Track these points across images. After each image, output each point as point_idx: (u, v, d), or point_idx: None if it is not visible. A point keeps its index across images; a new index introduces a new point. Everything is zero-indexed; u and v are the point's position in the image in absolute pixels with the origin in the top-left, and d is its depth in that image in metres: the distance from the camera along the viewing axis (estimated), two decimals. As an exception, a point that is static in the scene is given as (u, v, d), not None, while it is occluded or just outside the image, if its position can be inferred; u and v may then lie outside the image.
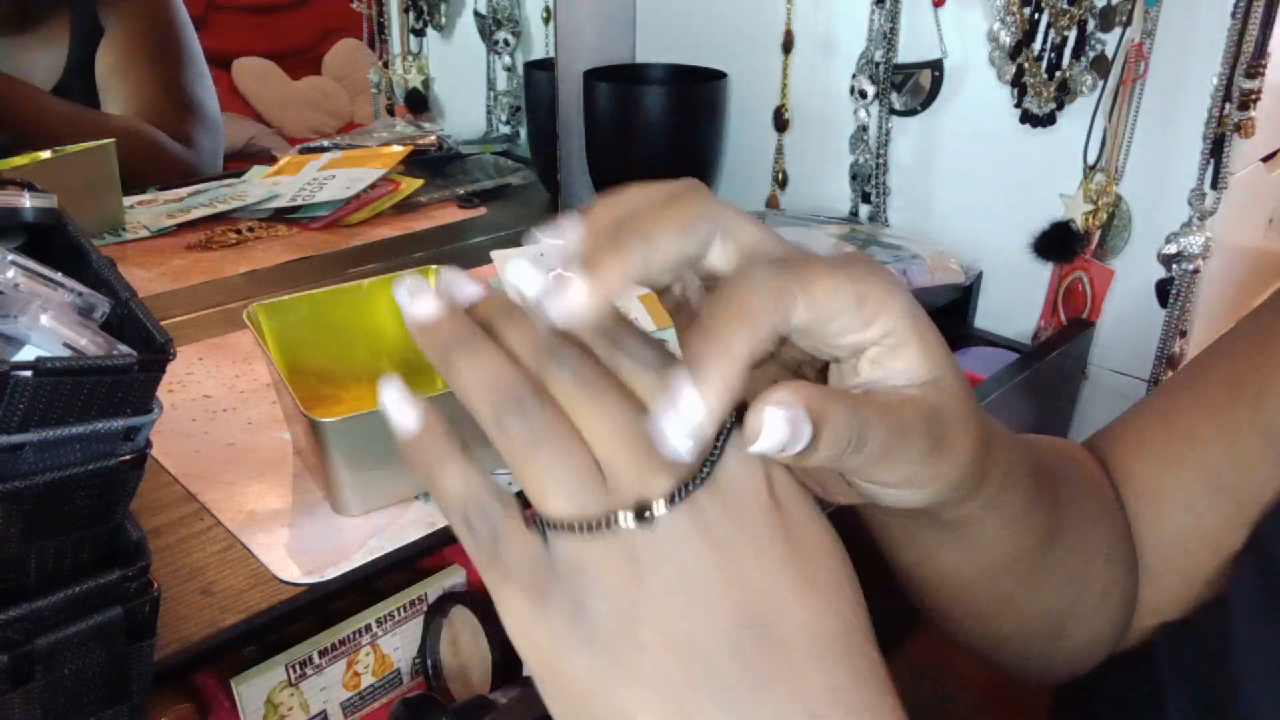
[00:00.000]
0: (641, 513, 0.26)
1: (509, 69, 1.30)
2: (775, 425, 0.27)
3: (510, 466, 0.28)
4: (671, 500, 0.26)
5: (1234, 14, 0.80)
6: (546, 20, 1.24)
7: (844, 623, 0.28)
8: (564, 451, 0.27)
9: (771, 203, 1.22)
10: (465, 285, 0.31)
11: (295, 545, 0.60)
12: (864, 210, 1.13)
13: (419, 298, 0.30)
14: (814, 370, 0.35)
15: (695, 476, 0.27)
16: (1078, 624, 0.45)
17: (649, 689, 0.26)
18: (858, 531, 0.41)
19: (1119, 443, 0.49)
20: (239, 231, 1.05)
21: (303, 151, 1.20)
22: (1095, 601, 0.45)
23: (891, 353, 0.31)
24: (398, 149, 1.19)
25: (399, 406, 0.30)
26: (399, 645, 0.63)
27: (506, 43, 1.28)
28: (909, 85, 1.05)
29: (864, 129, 1.09)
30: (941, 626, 0.47)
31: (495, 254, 0.93)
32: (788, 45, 1.13)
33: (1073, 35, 0.92)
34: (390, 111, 1.36)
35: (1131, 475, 0.48)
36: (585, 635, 0.26)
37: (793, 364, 0.35)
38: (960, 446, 0.32)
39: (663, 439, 0.26)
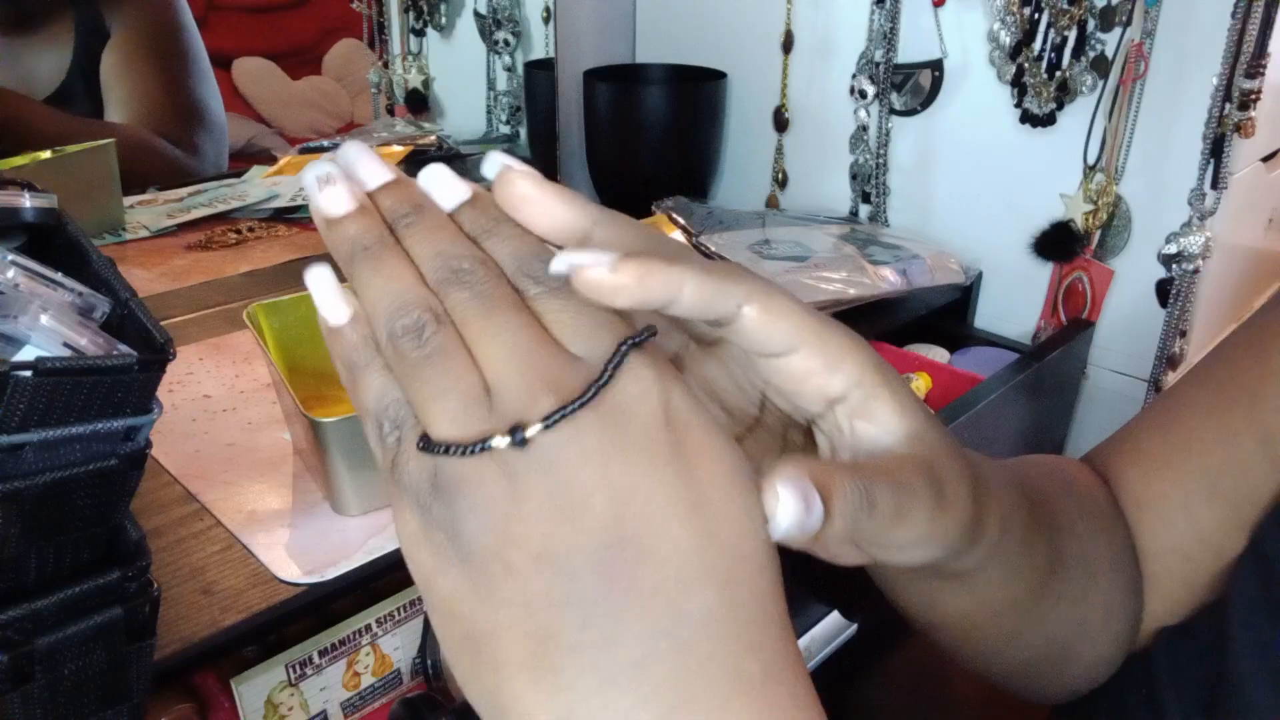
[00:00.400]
0: (515, 434, 0.26)
1: (509, 69, 1.30)
2: (788, 500, 0.27)
3: (401, 383, 0.28)
4: (547, 421, 0.26)
5: (1234, 14, 0.80)
6: (546, 20, 1.24)
7: (728, 549, 0.26)
8: (453, 372, 0.27)
9: (771, 203, 1.22)
10: (371, 166, 0.30)
11: (295, 545, 0.60)
12: (864, 210, 1.13)
13: (329, 189, 0.29)
14: (800, 434, 0.35)
15: (579, 397, 0.26)
16: (1084, 645, 0.45)
17: (512, 609, 0.25)
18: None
19: (1118, 454, 0.49)
20: (239, 231, 1.05)
21: (303, 151, 1.20)
22: (1100, 621, 0.45)
23: (865, 407, 0.31)
24: (398, 149, 1.19)
25: (329, 295, 0.29)
26: (399, 645, 0.63)
27: (506, 43, 1.28)
28: (909, 85, 1.05)
29: (864, 129, 1.09)
30: (952, 659, 0.47)
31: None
32: (788, 45, 1.13)
33: (1073, 35, 0.92)
34: (390, 111, 1.36)
35: (1130, 485, 0.48)
36: (460, 554, 0.26)
37: (779, 428, 0.35)
38: (959, 496, 0.33)
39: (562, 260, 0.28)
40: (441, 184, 0.30)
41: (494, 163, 0.30)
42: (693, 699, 0.25)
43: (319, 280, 0.29)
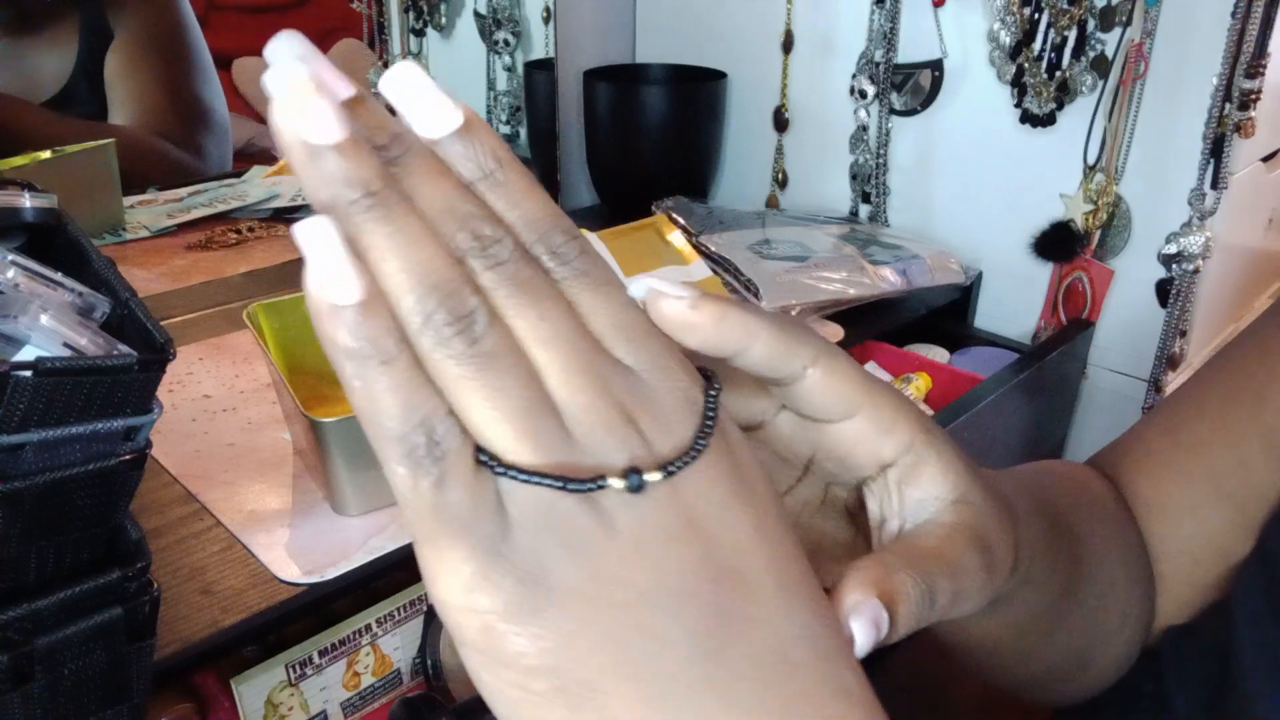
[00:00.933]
0: (631, 477, 0.24)
1: (509, 69, 1.30)
2: (865, 634, 0.28)
3: (444, 383, 0.23)
4: (668, 470, 0.24)
5: (1234, 14, 0.80)
6: (546, 20, 1.24)
7: (795, 567, 0.26)
8: (519, 380, 0.23)
9: (771, 203, 1.22)
10: (326, 73, 0.22)
11: (295, 545, 0.60)
12: (864, 210, 1.13)
13: (313, 106, 0.21)
14: (843, 489, 0.35)
15: (692, 448, 0.25)
16: (1100, 650, 0.45)
17: (625, 650, 0.23)
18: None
19: (1125, 457, 0.50)
20: (239, 231, 1.05)
21: (303, 151, 1.20)
22: (1116, 626, 0.45)
23: (913, 471, 0.31)
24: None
25: (337, 262, 0.22)
26: (399, 645, 0.63)
27: (506, 43, 1.28)
28: (909, 85, 1.05)
29: (864, 129, 1.09)
30: (969, 673, 0.47)
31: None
32: (788, 45, 1.13)
33: (1073, 35, 0.92)
34: (391, 112, 1.36)
35: (1138, 488, 0.48)
36: (547, 598, 0.23)
37: (821, 485, 0.35)
38: (1006, 557, 0.33)
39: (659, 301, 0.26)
40: (423, 102, 0.24)
41: (639, 286, 0.27)
42: (815, 715, 0.25)
43: (319, 238, 0.22)
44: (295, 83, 0.21)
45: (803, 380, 0.30)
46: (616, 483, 0.24)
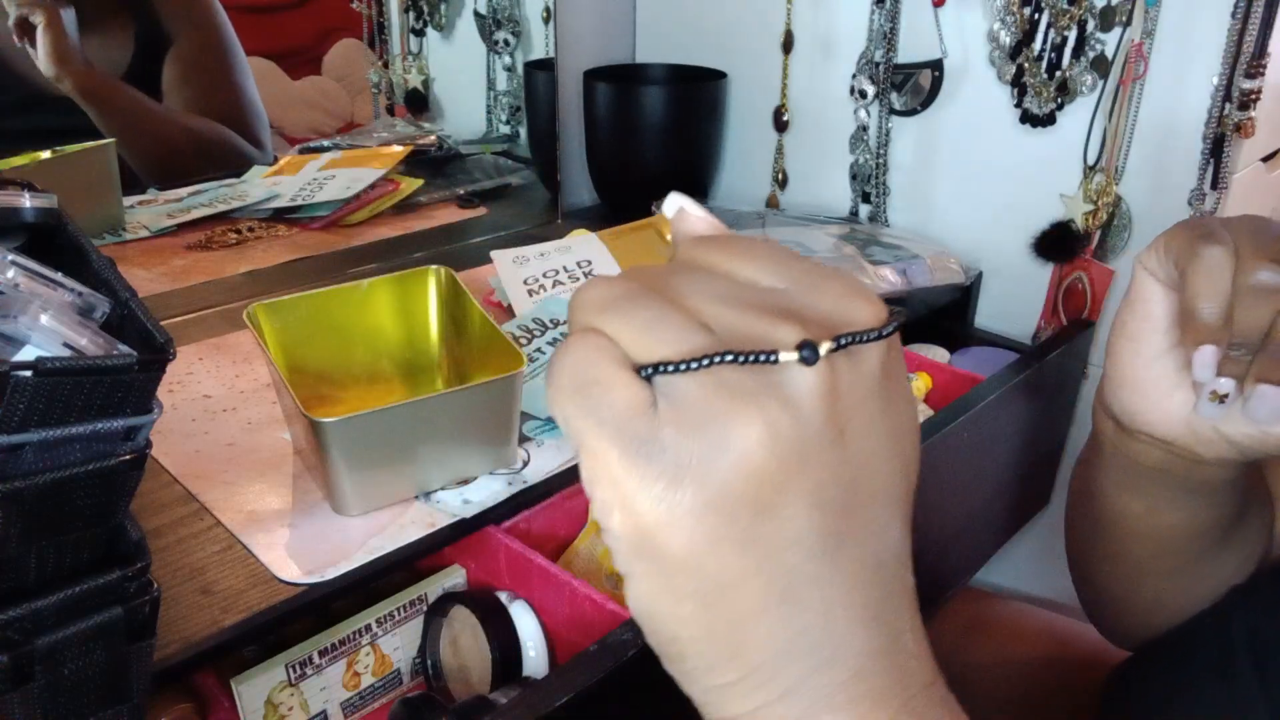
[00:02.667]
0: (804, 349, 0.25)
1: (509, 69, 1.30)
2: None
3: (614, 326, 0.26)
4: (839, 341, 0.25)
5: (1234, 14, 0.80)
6: (546, 20, 1.24)
7: (909, 487, 0.28)
8: (666, 306, 0.26)
9: (771, 203, 1.22)
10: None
11: (295, 545, 0.60)
12: (864, 210, 1.13)
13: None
14: None
15: (870, 329, 0.26)
16: (1233, 580, 0.52)
17: (758, 549, 0.25)
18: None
19: None
20: (239, 231, 1.05)
21: (303, 151, 1.20)
22: (1255, 559, 0.52)
23: None
24: (398, 149, 1.19)
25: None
26: (399, 645, 0.63)
27: (506, 43, 1.28)
28: (909, 85, 1.05)
29: (864, 129, 1.09)
30: (1118, 592, 0.54)
31: (495, 254, 0.93)
32: (788, 45, 1.13)
33: (1073, 35, 0.92)
34: (390, 111, 1.35)
35: None
36: (702, 498, 0.25)
37: None
38: None
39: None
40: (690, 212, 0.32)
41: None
42: (891, 615, 0.28)
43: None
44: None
45: None
46: (788, 356, 0.25)
